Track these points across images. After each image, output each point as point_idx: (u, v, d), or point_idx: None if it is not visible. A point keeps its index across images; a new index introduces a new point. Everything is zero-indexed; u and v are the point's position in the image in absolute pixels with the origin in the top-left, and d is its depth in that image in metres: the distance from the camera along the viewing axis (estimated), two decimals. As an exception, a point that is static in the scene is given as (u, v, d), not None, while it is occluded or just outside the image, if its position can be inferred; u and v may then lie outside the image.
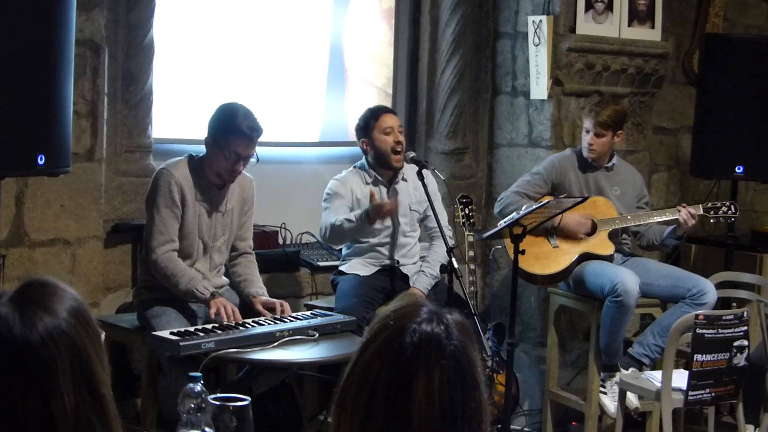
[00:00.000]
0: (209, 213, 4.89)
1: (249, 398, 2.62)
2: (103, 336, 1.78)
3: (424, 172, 5.37)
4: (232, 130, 4.72)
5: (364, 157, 5.54)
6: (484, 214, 6.62)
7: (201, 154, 4.88)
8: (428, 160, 5.88)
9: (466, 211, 5.68)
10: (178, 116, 5.79)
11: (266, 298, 4.96)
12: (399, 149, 5.44)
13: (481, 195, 6.74)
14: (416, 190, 5.57)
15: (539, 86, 6.29)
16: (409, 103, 6.75)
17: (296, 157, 6.36)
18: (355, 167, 5.55)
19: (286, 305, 4.90)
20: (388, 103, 6.52)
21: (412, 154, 5.47)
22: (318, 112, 6.38)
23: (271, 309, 4.87)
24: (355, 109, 5.99)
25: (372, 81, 6.55)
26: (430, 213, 5.52)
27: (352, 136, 5.78)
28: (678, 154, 7.22)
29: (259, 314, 4.83)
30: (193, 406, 2.92)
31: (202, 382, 2.91)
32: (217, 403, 2.57)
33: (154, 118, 5.57)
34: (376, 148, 5.45)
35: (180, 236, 4.82)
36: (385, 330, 1.79)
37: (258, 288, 5.01)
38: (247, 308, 4.90)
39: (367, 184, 5.48)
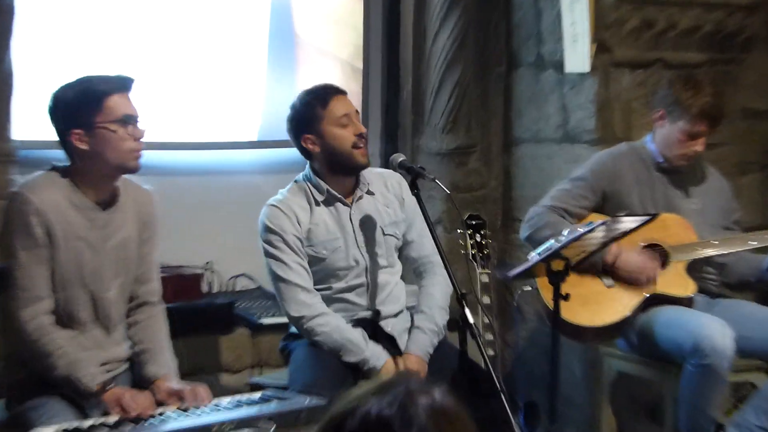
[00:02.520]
0: (94, 247, 3.97)
1: None
2: None
3: (419, 182, 4.37)
4: (101, 93, 3.88)
5: (308, 165, 4.73)
6: (501, 242, 5.98)
7: (66, 164, 4.05)
8: (421, 165, 4.81)
9: (477, 239, 4.42)
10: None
11: (171, 384, 3.98)
12: (362, 144, 4.56)
13: (496, 214, 6.06)
14: (388, 206, 4.71)
15: (577, 54, 5.56)
16: (388, 82, 6.10)
17: (227, 164, 5.70)
18: (297, 182, 4.73)
19: (203, 391, 3.93)
20: (357, 82, 5.91)
21: (400, 158, 4.48)
22: (256, 100, 5.69)
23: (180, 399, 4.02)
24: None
25: (333, 51, 5.89)
26: (415, 237, 4.68)
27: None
28: (776, 148, 6.58)
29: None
30: None
31: None
32: None
33: (14, 114, 4.90)
34: (329, 147, 4.57)
35: (54, 288, 3.93)
36: (334, 412, 1.68)
37: (160, 366, 4.08)
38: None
39: (318, 204, 4.62)
